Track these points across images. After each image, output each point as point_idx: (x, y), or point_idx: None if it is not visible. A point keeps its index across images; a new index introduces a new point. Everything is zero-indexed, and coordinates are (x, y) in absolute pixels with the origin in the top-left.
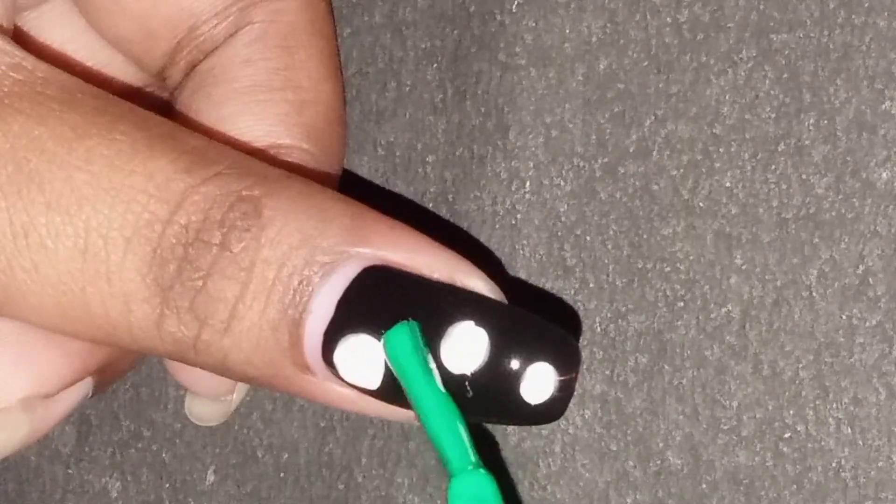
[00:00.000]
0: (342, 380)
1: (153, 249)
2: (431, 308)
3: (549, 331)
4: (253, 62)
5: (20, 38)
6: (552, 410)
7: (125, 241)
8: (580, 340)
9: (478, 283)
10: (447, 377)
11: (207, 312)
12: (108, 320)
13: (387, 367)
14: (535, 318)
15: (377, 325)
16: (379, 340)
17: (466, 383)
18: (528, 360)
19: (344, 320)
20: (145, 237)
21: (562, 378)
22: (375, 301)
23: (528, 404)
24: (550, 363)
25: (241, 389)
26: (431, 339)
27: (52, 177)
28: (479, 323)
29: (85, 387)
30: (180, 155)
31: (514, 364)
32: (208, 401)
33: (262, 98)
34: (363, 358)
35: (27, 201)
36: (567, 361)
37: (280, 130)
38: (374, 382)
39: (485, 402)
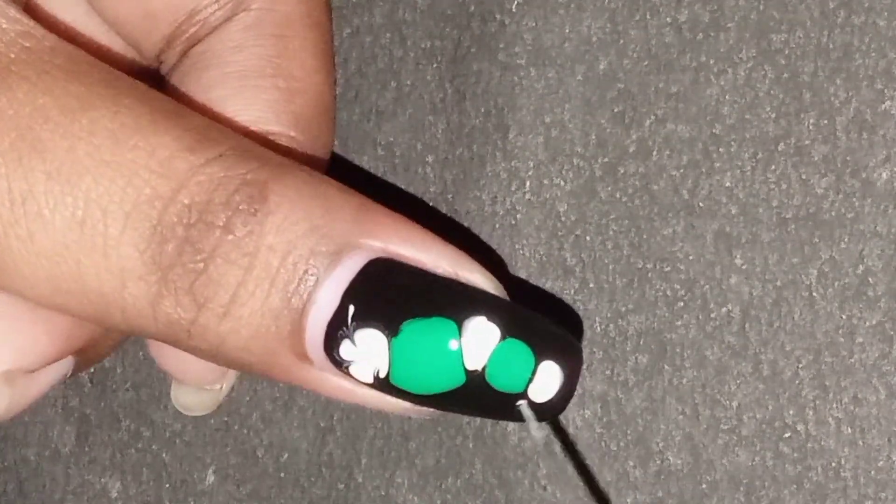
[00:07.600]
0: (341, 371)
1: (153, 226)
2: (440, 303)
3: (553, 330)
4: (245, 48)
5: (31, 11)
6: (553, 409)
7: (125, 215)
8: (580, 341)
9: (481, 279)
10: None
11: (207, 296)
12: (101, 296)
13: (389, 361)
14: (540, 317)
15: (383, 318)
16: (384, 333)
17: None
18: (536, 358)
19: (348, 312)
20: (145, 213)
21: (566, 377)
22: (382, 294)
23: (532, 402)
24: (556, 362)
25: (230, 379)
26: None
27: (54, 146)
28: (490, 319)
29: (65, 366)
30: (184, 133)
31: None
32: (194, 390)
33: (253, 83)
34: (369, 351)
35: (27, 169)
36: (571, 361)
37: (269, 117)
38: (379, 375)
39: (489, 398)
